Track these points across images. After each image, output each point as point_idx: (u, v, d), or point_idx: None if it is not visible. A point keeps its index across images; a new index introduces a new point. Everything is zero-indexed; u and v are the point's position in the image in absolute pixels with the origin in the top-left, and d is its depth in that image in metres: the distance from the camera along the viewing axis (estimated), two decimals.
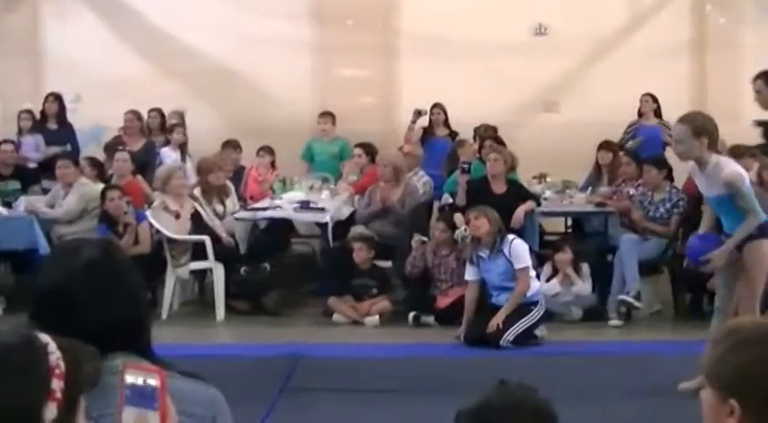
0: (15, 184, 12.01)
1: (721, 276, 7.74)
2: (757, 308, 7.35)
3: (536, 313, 9.37)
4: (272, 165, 13.00)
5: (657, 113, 13.20)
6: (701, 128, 7.21)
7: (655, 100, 13.19)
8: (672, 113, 13.25)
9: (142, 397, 2.10)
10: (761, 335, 2.33)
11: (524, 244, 9.62)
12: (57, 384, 1.95)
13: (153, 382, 2.10)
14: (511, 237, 9.57)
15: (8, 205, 11.24)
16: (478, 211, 9.60)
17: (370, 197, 11.28)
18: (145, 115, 13.20)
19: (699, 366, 2.39)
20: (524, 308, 9.38)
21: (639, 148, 12.52)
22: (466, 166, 11.18)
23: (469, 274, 9.71)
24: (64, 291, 2.51)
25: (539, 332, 9.45)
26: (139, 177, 11.88)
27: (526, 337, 9.28)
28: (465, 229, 9.87)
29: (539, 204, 10.94)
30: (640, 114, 13.24)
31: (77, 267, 2.53)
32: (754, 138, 12.28)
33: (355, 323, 10.29)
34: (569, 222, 12.48)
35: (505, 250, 9.44)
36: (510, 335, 9.19)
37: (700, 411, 2.37)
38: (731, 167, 7.28)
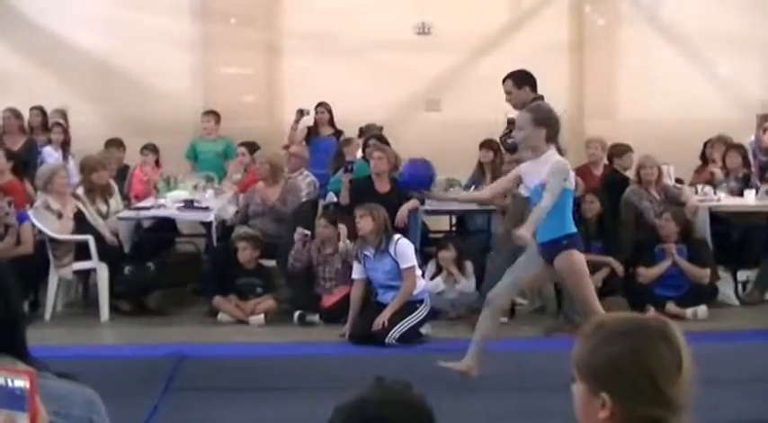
0: None
1: (501, 263, 7.94)
2: (599, 308, 7.45)
3: (421, 311, 9.46)
4: (157, 163, 12.91)
5: None
6: (542, 119, 7.46)
7: None
8: None
9: (11, 399, 2.08)
10: (628, 328, 2.41)
11: (410, 243, 9.70)
12: None
13: (21, 383, 2.08)
14: (396, 236, 9.64)
15: None
16: (363, 209, 9.65)
17: (251, 197, 11.28)
18: (25, 113, 12.99)
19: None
20: (410, 306, 9.47)
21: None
22: (350, 165, 11.24)
23: (355, 272, 9.77)
24: None
25: (424, 330, 9.54)
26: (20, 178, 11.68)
27: (411, 335, 9.36)
28: (348, 243, 10.03)
29: (422, 203, 11.03)
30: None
31: None
32: (628, 134, 12.60)
33: (240, 322, 10.27)
34: (453, 220, 12.63)
35: (391, 249, 9.50)
36: (395, 333, 9.26)
37: (572, 404, 2.45)
38: (563, 159, 7.52)
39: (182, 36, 14.65)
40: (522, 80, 9.46)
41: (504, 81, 9.37)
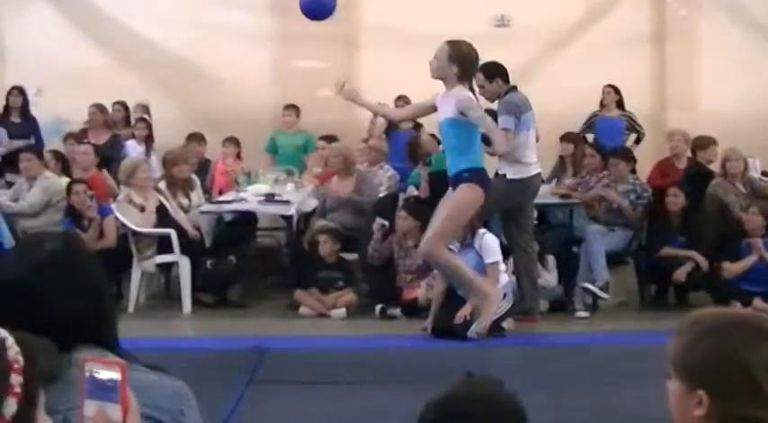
0: None
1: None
2: (445, 252, 8.03)
3: (503, 305, 9.39)
4: (238, 156, 13.00)
5: (620, 105, 13.26)
6: (458, 55, 8.03)
7: (617, 91, 13.23)
8: (632, 104, 13.39)
9: (103, 390, 2.09)
10: (726, 323, 2.35)
11: (495, 238, 9.62)
12: (16, 379, 1.94)
13: (114, 375, 2.09)
14: (482, 230, 9.56)
15: None
16: None
17: (326, 190, 11.28)
18: (109, 108, 13.15)
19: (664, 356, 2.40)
20: None
21: (601, 139, 12.61)
22: (428, 158, 11.21)
23: None
24: (26, 283, 2.49)
25: (505, 324, 9.46)
26: (104, 171, 11.83)
27: (492, 329, 9.31)
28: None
29: None
30: (602, 105, 13.30)
31: (40, 260, 2.52)
32: (710, 127, 12.40)
33: (321, 316, 10.29)
34: (534, 214, 12.53)
35: (476, 244, 9.43)
36: (477, 326, 9.22)
37: (665, 401, 2.39)
38: (467, 94, 7.98)
39: (259, 31, 14.73)
40: (492, 73, 9.46)
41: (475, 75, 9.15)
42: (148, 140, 13.00)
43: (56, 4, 14.95)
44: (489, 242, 9.47)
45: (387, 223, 10.33)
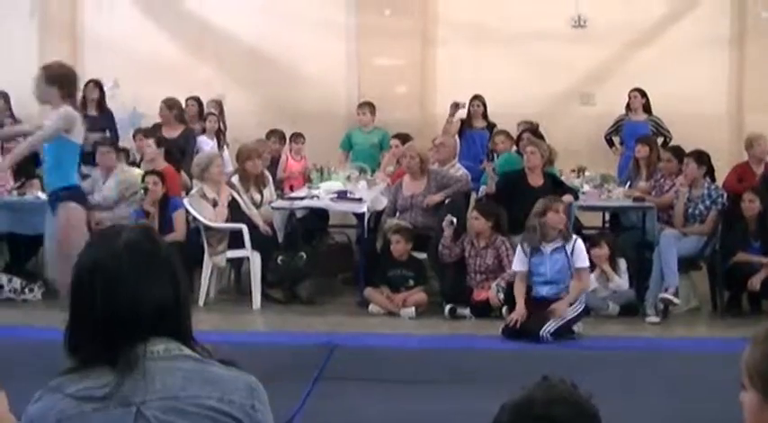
0: None
1: None
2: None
3: (576, 308, 9.33)
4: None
5: (647, 109, 13.24)
6: (53, 77, 7.68)
7: (644, 95, 13.24)
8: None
9: None
10: None
11: (583, 243, 9.60)
12: None
13: None
14: (574, 235, 9.56)
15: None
16: (558, 204, 9.58)
17: (397, 190, 11.27)
18: (183, 103, 13.25)
19: (738, 364, 2.36)
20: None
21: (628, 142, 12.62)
22: (491, 153, 11.26)
23: (519, 264, 9.59)
24: (105, 270, 2.51)
25: (576, 327, 9.40)
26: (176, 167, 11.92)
27: (565, 332, 9.25)
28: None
29: (576, 198, 10.90)
30: (629, 109, 13.29)
31: (119, 248, 2.54)
32: None
33: (391, 314, 10.29)
34: (607, 217, 12.45)
35: (567, 247, 9.39)
36: (550, 328, 9.16)
37: (739, 411, 2.35)
38: (72, 111, 7.69)
39: (336, 25, 14.75)
40: None
41: None
42: (220, 135, 13.07)
43: None
44: (581, 247, 9.45)
45: (455, 220, 10.29)
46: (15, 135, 9.92)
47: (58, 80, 7.58)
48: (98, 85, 13.22)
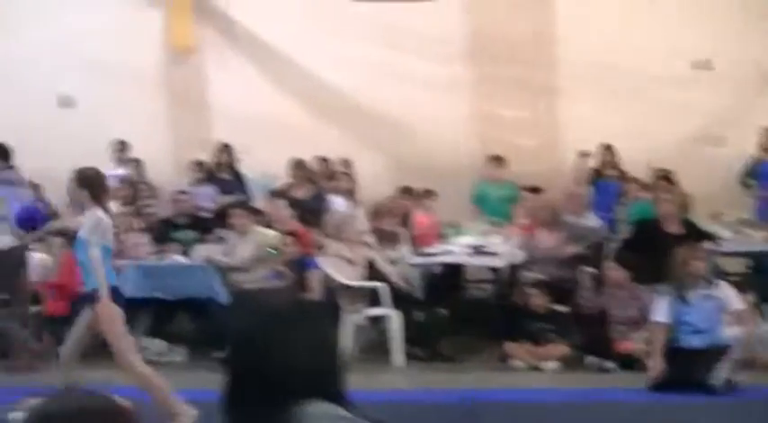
0: (192, 234, 12.27)
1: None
2: (134, 361, 7.74)
3: (732, 355, 9.07)
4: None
5: None
6: (83, 179, 7.85)
7: None
8: None
9: None
10: None
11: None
12: None
13: None
14: (716, 280, 9.42)
15: (185, 254, 11.49)
16: (699, 251, 9.45)
17: (530, 242, 11.20)
18: (311, 163, 13.39)
19: None
20: (720, 350, 9.05)
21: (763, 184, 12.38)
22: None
23: (660, 314, 9.35)
24: (259, 337, 2.54)
25: (735, 377, 9.01)
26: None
27: (727, 381, 8.91)
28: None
29: (715, 244, 10.73)
30: (764, 149, 13.02)
31: (272, 314, 2.58)
32: None
33: (533, 368, 10.21)
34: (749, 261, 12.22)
35: (716, 292, 9.24)
36: (716, 378, 8.84)
37: None
38: (101, 217, 7.75)
39: (455, 80, 14.81)
40: None
41: None
42: (351, 193, 13.17)
43: (257, 62, 15.32)
44: (730, 289, 9.30)
45: (592, 271, 10.21)
46: (59, 232, 10.78)
47: (88, 184, 7.83)
48: (228, 148, 13.44)
